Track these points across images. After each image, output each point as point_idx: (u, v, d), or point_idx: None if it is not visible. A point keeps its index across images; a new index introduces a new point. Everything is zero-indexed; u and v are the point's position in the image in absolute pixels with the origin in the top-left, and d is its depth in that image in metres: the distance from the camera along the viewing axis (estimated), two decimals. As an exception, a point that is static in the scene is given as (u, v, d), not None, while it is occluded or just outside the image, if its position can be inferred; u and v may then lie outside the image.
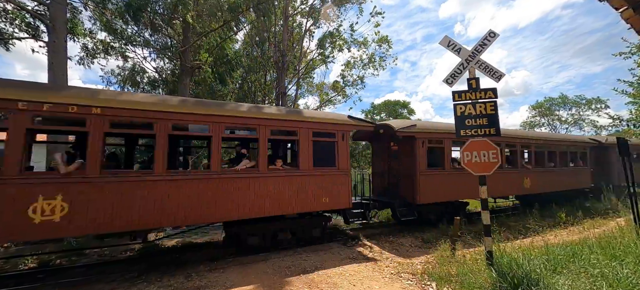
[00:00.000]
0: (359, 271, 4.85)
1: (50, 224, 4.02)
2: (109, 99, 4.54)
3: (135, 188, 4.58)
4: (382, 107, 37.73)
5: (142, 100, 4.89)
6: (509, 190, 9.51)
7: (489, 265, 3.95)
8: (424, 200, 7.59)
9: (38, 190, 3.99)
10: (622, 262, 3.84)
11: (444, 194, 7.98)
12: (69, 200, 4.14)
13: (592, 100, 33.56)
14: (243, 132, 6.47)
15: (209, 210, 5.13)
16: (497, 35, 4.55)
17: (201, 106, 5.35)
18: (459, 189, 8.20)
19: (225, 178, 5.35)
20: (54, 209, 4.05)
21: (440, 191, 7.90)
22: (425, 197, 7.60)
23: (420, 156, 7.61)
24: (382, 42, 18.17)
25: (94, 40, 13.58)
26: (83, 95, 4.47)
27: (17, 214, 3.87)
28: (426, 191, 7.60)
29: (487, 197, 4.28)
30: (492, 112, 4.32)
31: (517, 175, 9.64)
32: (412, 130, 7.67)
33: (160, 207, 4.72)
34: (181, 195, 4.90)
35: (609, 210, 9.69)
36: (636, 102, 7.44)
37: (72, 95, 4.44)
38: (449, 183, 8.06)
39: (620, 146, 6.08)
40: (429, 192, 7.67)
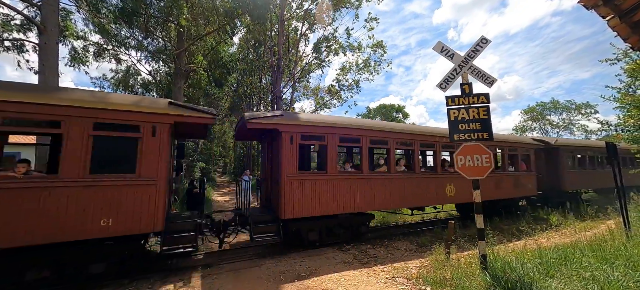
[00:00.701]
0: (353, 276, 4.83)
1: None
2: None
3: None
4: (378, 111, 38.00)
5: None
6: (425, 199, 7.87)
7: (483, 269, 3.97)
8: (291, 213, 5.88)
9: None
10: (613, 265, 3.89)
11: (326, 205, 6.30)
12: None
13: (582, 105, 34.31)
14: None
15: None
16: (489, 42, 4.62)
17: None
18: (354, 199, 6.67)
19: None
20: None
21: (321, 202, 6.23)
22: (295, 210, 5.91)
23: (288, 155, 5.98)
24: (377, 47, 18.36)
25: (87, 42, 13.43)
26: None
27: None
28: (296, 202, 5.94)
29: (480, 202, 4.31)
30: (485, 116, 4.37)
31: (437, 181, 8.12)
32: (273, 121, 6.00)
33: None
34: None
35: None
36: (623, 107, 7.60)
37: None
38: (337, 191, 6.45)
39: (609, 150, 6.20)
40: (301, 203, 5.99)
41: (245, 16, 12.98)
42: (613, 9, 3.20)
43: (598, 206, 10.08)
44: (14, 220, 3.90)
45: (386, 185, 7.25)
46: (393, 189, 7.33)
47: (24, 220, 3.95)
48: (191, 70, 13.71)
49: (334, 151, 6.61)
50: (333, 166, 6.52)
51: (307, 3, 16.17)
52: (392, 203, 7.34)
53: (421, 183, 7.85)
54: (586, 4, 3.18)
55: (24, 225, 3.94)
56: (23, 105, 4.10)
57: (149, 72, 16.40)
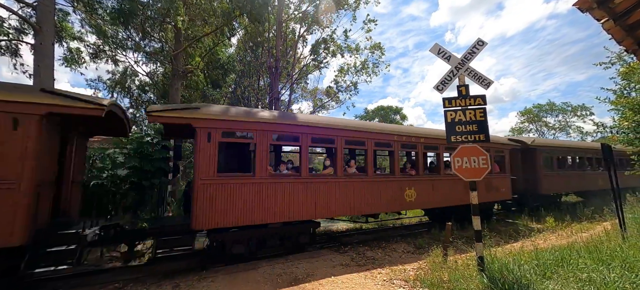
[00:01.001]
0: (351, 279, 4.80)
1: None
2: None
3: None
4: (376, 113, 38.09)
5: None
6: (378, 205, 7.08)
7: (480, 271, 3.97)
8: (207, 223, 5.14)
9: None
10: (609, 266, 3.90)
11: (252, 214, 5.49)
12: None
13: (577, 107, 34.67)
14: None
15: None
16: (486, 44, 4.65)
17: None
18: (289, 206, 5.86)
19: None
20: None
21: (246, 209, 5.43)
22: (211, 220, 5.16)
23: (204, 155, 5.26)
24: (375, 49, 18.40)
25: (83, 43, 13.35)
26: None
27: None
28: (212, 210, 5.17)
29: (477, 203, 4.31)
30: (482, 118, 4.38)
31: (393, 185, 7.36)
32: (185, 114, 5.25)
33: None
34: None
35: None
36: (618, 109, 7.68)
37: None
38: (267, 197, 5.67)
39: (604, 152, 6.24)
40: (221, 212, 5.23)
41: (243, 17, 12.97)
42: (607, 12, 3.23)
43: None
44: None
45: (331, 190, 6.43)
46: (339, 194, 6.52)
47: None
48: (188, 71, 13.66)
49: (265, 151, 5.79)
50: (263, 168, 5.73)
51: (305, 5, 16.20)
52: (337, 210, 6.49)
53: (374, 187, 7.05)
54: (581, 7, 3.20)
55: None
56: None
57: (147, 74, 16.34)
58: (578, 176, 12.61)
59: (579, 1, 3.18)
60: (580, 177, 12.68)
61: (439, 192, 8.17)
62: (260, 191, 5.66)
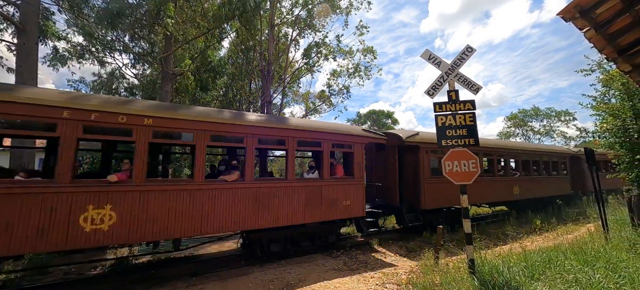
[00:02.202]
0: (343, 283, 4.77)
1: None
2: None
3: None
4: (368, 116, 38.41)
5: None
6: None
7: (471, 273, 4.01)
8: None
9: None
10: (594, 267, 4.01)
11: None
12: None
13: (561, 112, 35.90)
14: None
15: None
16: (474, 50, 4.76)
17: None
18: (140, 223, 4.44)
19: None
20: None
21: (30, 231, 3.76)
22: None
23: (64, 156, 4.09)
24: (367, 52, 18.62)
25: (69, 44, 12.98)
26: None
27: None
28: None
29: (468, 206, 4.37)
30: (471, 123, 4.47)
31: (282, 190, 5.92)
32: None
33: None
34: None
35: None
36: (599, 115, 7.98)
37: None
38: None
39: (587, 156, 6.46)
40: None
41: (234, 20, 12.90)
42: (589, 21, 3.36)
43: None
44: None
45: (187, 199, 4.92)
46: (196, 205, 4.97)
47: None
48: (179, 73, 13.45)
49: (144, 151, 4.64)
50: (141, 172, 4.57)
51: (297, 9, 16.27)
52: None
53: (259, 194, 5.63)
54: (565, 16, 3.32)
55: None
56: None
57: (135, 75, 16.00)
58: (492, 183, 9.93)
59: (563, 10, 3.30)
60: (497, 184, 10.08)
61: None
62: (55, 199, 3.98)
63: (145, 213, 4.52)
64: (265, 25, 15.55)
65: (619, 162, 7.37)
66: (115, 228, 4.29)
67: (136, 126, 4.64)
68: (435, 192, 8.32)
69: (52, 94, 4.34)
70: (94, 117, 4.32)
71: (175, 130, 5.15)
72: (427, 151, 8.41)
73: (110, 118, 4.45)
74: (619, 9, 3.25)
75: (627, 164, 6.93)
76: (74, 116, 4.19)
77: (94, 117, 4.32)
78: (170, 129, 5.04)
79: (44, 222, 3.88)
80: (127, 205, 4.41)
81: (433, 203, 8.28)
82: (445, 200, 8.62)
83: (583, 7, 3.20)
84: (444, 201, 8.61)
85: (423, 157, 8.30)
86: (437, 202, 8.41)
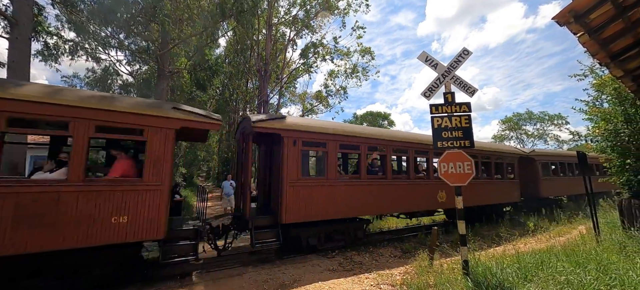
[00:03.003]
0: (338, 284, 4.76)
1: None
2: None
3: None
4: (365, 118, 38.55)
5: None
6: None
7: (465, 274, 4.03)
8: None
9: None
10: (586, 268, 4.06)
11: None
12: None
13: (554, 116, 36.48)
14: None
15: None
16: (471, 53, 4.80)
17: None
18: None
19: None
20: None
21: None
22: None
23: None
24: (365, 53, 18.68)
25: (61, 40, 12.77)
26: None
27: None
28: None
29: (462, 208, 4.40)
30: (467, 125, 4.50)
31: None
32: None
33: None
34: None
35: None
36: (591, 119, 8.11)
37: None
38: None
39: (580, 160, 6.55)
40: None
41: (231, 20, 12.85)
42: (583, 26, 3.41)
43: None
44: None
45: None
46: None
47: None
48: (175, 72, 13.35)
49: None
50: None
51: (295, 9, 16.28)
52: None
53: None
54: (559, 21, 3.37)
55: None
56: None
57: (130, 73, 15.82)
58: (413, 187, 8.08)
59: (558, 15, 3.34)
60: (420, 188, 8.22)
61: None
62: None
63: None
64: (263, 24, 15.52)
65: (610, 166, 7.48)
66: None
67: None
68: (303, 201, 6.13)
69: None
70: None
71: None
72: (297, 142, 6.25)
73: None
74: (612, 14, 3.31)
75: (618, 167, 7.03)
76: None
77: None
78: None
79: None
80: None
81: (298, 215, 6.06)
82: (317, 212, 6.32)
83: (577, 11, 3.24)
84: (314, 213, 6.28)
85: (290, 152, 6.14)
86: (303, 214, 6.13)
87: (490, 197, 10.18)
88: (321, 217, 6.47)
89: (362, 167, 7.30)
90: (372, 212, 7.71)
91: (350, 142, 7.21)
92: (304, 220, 6.25)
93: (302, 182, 6.26)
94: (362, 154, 7.33)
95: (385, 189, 7.60)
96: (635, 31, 3.64)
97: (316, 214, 6.38)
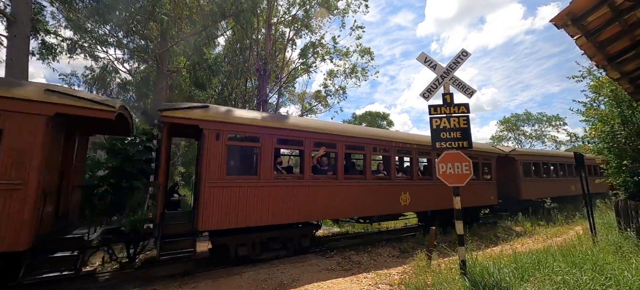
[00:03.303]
0: (337, 283, 4.78)
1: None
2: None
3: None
4: (363, 118, 38.58)
5: None
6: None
7: (462, 274, 4.06)
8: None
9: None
10: (582, 269, 4.10)
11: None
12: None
13: (552, 117, 36.62)
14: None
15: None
16: (469, 54, 4.83)
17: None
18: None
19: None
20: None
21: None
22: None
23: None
24: (365, 53, 18.69)
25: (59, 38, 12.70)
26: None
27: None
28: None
29: (460, 208, 4.43)
30: (465, 126, 4.53)
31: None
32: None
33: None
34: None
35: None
36: (588, 120, 8.17)
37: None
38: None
39: (577, 161, 6.60)
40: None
41: (230, 19, 12.83)
42: (581, 28, 3.44)
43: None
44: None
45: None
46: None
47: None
48: (174, 70, 13.33)
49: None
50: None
51: (294, 8, 16.27)
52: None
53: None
54: (557, 23, 3.40)
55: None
56: None
57: (128, 71, 15.77)
58: (368, 188, 7.35)
59: (556, 17, 3.37)
60: (377, 189, 7.52)
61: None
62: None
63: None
64: (262, 23, 15.51)
65: (607, 167, 7.54)
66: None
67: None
68: (228, 204, 5.43)
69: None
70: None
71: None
72: (220, 136, 5.48)
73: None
74: (609, 17, 3.34)
75: (615, 168, 7.09)
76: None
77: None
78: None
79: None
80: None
81: (221, 222, 5.31)
82: (247, 217, 5.57)
83: (575, 14, 3.27)
84: (244, 219, 5.54)
85: (211, 146, 5.38)
86: (230, 220, 5.40)
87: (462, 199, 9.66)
88: (254, 223, 5.62)
89: (307, 165, 6.44)
90: (318, 217, 6.62)
91: (290, 137, 6.36)
92: (230, 226, 5.39)
93: (227, 182, 5.43)
94: (307, 150, 6.47)
95: (335, 190, 6.73)
96: (632, 34, 3.67)
97: (246, 219, 5.53)
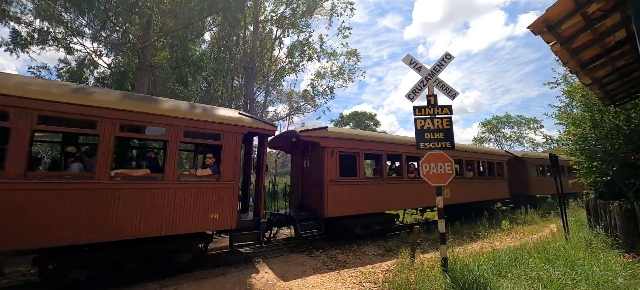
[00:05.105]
0: (321, 282, 4.79)
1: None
2: None
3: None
4: (351, 118, 38.77)
5: None
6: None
7: (443, 271, 4.17)
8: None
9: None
10: (554, 265, 4.31)
11: None
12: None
13: (530, 120, 38.29)
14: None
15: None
16: (453, 58, 4.95)
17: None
18: None
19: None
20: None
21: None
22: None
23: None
24: (351, 55, 18.83)
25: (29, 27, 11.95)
26: None
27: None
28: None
29: (443, 207, 4.54)
30: (448, 127, 4.65)
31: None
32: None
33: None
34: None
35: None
36: (563, 123, 8.60)
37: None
38: None
39: (552, 162, 6.93)
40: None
41: (217, 15, 12.55)
42: (555, 36, 3.60)
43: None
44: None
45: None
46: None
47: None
48: (157, 66, 12.88)
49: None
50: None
51: (282, 7, 16.15)
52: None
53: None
54: (534, 30, 3.54)
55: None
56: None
57: (108, 66, 15.09)
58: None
59: (532, 24, 3.51)
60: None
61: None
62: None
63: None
64: (250, 21, 15.29)
65: (579, 168, 7.95)
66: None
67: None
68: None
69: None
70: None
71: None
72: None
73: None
74: (582, 26, 3.52)
75: (586, 169, 7.49)
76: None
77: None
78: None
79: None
80: None
81: (338, 209, 7.08)
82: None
83: (550, 22, 3.42)
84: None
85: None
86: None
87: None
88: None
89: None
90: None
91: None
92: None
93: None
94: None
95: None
96: (602, 42, 3.89)
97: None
